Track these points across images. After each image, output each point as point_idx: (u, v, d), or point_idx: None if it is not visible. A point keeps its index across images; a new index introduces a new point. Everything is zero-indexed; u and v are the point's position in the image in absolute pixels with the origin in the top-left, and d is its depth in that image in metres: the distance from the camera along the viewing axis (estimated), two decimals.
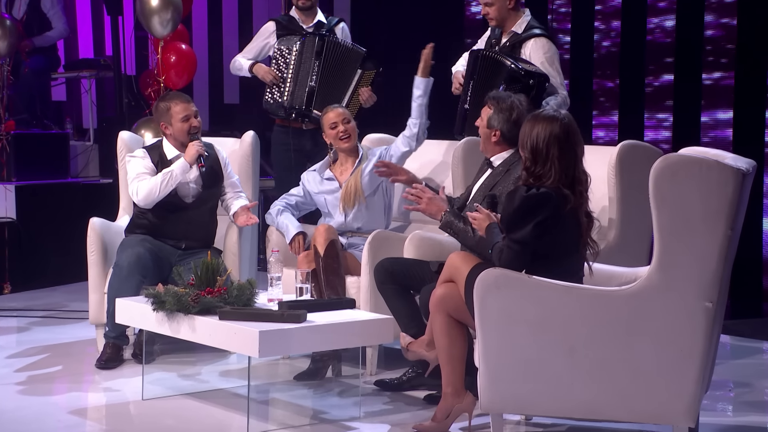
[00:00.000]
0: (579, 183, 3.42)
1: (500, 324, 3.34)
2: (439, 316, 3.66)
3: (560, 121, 3.40)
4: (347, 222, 4.76)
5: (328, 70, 5.42)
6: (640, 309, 3.26)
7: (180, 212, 4.74)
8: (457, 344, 3.65)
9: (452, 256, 3.70)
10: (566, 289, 3.30)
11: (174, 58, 6.91)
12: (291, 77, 5.44)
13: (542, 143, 3.39)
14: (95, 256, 4.77)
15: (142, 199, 4.66)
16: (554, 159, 3.37)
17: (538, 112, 3.51)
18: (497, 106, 4.00)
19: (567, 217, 3.39)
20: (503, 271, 3.33)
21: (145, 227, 4.73)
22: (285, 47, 5.49)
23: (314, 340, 3.73)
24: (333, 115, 4.78)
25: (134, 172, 4.71)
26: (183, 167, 4.69)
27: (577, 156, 3.43)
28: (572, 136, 3.41)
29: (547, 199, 3.35)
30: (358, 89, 5.40)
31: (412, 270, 4.11)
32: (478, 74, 4.76)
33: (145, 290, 4.04)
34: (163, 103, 4.79)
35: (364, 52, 5.44)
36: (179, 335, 3.89)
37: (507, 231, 3.39)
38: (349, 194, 4.72)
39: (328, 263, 4.47)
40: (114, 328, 4.58)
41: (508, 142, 4.01)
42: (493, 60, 4.74)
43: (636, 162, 4.31)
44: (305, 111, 5.43)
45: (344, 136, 4.75)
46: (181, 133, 4.73)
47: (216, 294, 3.85)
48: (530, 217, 3.34)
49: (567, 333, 3.29)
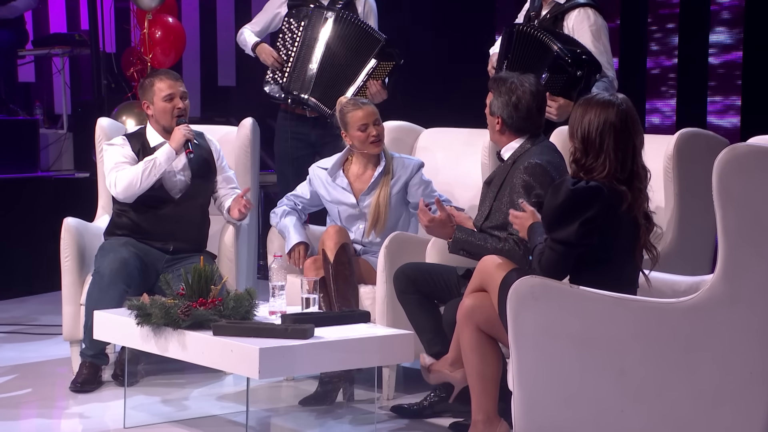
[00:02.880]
0: (637, 179, 3.43)
1: (538, 341, 3.35)
2: (467, 330, 3.68)
3: (617, 107, 3.41)
4: (365, 240, 4.75)
5: (336, 52, 5.40)
6: (702, 324, 3.26)
7: (166, 208, 4.78)
8: (489, 363, 3.67)
9: (485, 260, 3.72)
10: (615, 300, 3.30)
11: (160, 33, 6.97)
12: (294, 57, 5.45)
13: (595, 132, 3.40)
14: (70, 262, 4.82)
15: (121, 191, 4.70)
16: (609, 151, 3.38)
17: (591, 96, 3.52)
18: (496, 89, 4.03)
19: (622, 217, 3.40)
20: (542, 280, 3.34)
21: (127, 227, 4.77)
22: (294, 21, 5.50)
23: (323, 359, 3.76)
24: (363, 115, 4.66)
25: (112, 162, 4.76)
26: (168, 154, 4.72)
27: (636, 148, 3.43)
28: (630, 125, 3.42)
29: (597, 193, 3.36)
30: (368, 82, 5.37)
31: (436, 277, 4.13)
32: (514, 53, 4.77)
33: (128, 301, 4.07)
34: (148, 79, 4.86)
35: (384, 39, 5.40)
36: (167, 353, 3.92)
37: (549, 230, 3.41)
38: (376, 219, 4.66)
39: (339, 270, 4.50)
40: (92, 345, 4.62)
41: (513, 130, 4.04)
42: (530, 38, 4.73)
43: (697, 153, 4.31)
44: (302, 98, 5.44)
45: (375, 140, 4.67)
46: (164, 114, 4.77)
47: (210, 306, 3.88)
48: (577, 214, 3.34)
49: (616, 352, 3.30)
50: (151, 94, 4.78)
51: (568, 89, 4.64)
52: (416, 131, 5.28)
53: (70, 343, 4.87)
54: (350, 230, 4.73)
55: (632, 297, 3.38)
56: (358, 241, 4.74)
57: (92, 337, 4.33)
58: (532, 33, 4.75)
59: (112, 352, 4.87)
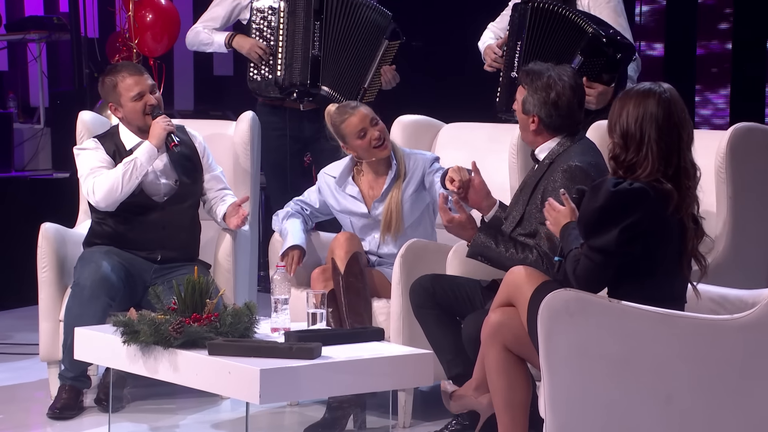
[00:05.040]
0: (686, 176, 3.42)
1: (573, 362, 3.35)
2: (493, 351, 3.68)
3: (658, 96, 3.41)
4: (381, 251, 4.78)
5: (337, 33, 5.37)
6: (760, 344, 3.26)
7: (150, 215, 4.79)
8: (518, 387, 3.67)
9: (512, 271, 3.72)
10: (661, 317, 3.30)
11: (150, 16, 6.99)
12: (282, 47, 5.41)
13: (634, 124, 3.40)
14: (48, 273, 4.84)
15: (101, 198, 4.72)
16: (651, 144, 3.38)
17: (630, 87, 3.52)
18: (531, 85, 4.04)
19: (668, 221, 3.39)
20: (577, 293, 3.35)
21: (108, 236, 4.78)
22: (266, 5, 5.43)
23: (331, 381, 3.76)
24: (357, 120, 4.65)
25: (86, 167, 4.77)
26: (149, 152, 4.73)
27: (682, 140, 3.42)
28: (676, 115, 3.41)
29: (640, 195, 3.35)
30: (381, 66, 5.37)
31: (459, 291, 4.14)
32: (530, 34, 4.74)
33: (112, 317, 4.08)
34: (108, 78, 4.82)
35: (391, 16, 5.41)
36: (157, 375, 3.93)
37: (586, 236, 3.41)
38: (388, 225, 4.69)
39: (350, 282, 4.51)
40: (72, 366, 4.64)
41: (550, 129, 4.04)
42: (552, 15, 4.71)
43: (754, 151, 4.31)
44: (311, 88, 5.42)
45: (379, 143, 4.67)
46: (135, 115, 4.78)
47: (205, 322, 3.90)
48: (617, 219, 3.34)
49: (662, 375, 3.30)
50: (116, 95, 4.77)
51: (605, 74, 4.63)
52: (435, 127, 5.29)
53: (48, 363, 4.88)
54: (364, 240, 4.75)
55: (680, 313, 3.37)
56: (374, 252, 4.76)
57: (72, 357, 4.34)
58: (554, 10, 4.71)
59: (94, 374, 4.89)
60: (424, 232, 4.76)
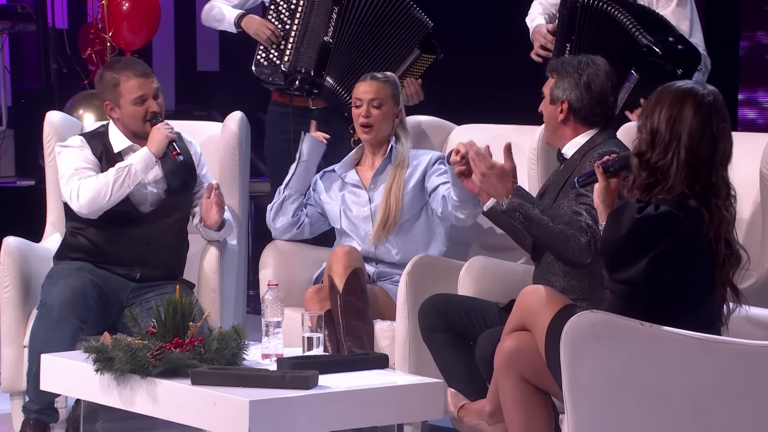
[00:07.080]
0: (715, 194, 3.39)
1: (600, 393, 3.36)
2: (509, 382, 3.69)
3: (699, 99, 3.38)
4: (377, 250, 4.81)
5: (357, 24, 5.41)
6: None
7: (133, 227, 4.80)
8: (537, 421, 3.68)
9: (527, 293, 3.72)
10: (699, 342, 3.31)
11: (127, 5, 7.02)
12: (297, 29, 5.46)
13: (665, 124, 3.39)
14: (11, 293, 4.84)
15: (86, 203, 4.72)
16: (679, 149, 3.36)
17: (672, 82, 3.50)
18: (560, 71, 4.09)
19: (699, 245, 3.37)
20: (604, 315, 3.35)
21: (83, 249, 4.79)
22: None
23: (329, 414, 3.76)
24: (363, 88, 4.83)
25: (70, 167, 4.78)
26: (146, 160, 4.74)
27: (717, 153, 3.40)
28: (714, 124, 3.38)
29: (669, 221, 3.31)
30: (405, 79, 5.37)
31: (473, 313, 4.14)
32: (580, 37, 4.75)
33: (84, 342, 4.10)
34: (109, 74, 4.84)
35: (431, 26, 5.41)
36: (133, 408, 3.94)
37: (610, 268, 3.38)
38: (386, 216, 4.76)
39: (350, 302, 4.52)
40: (37, 397, 4.64)
41: (581, 118, 4.07)
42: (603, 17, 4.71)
43: None
44: (312, 78, 5.45)
45: (364, 122, 4.82)
46: (134, 119, 4.80)
47: (187, 347, 3.91)
48: (645, 249, 3.31)
49: (700, 406, 3.31)
50: (116, 95, 4.78)
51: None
52: (447, 128, 5.31)
53: (10, 395, 4.88)
54: (358, 237, 4.82)
55: (720, 338, 3.38)
56: (370, 254, 4.81)
57: (38, 387, 4.35)
58: (606, 10, 4.70)
59: (63, 406, 4.89)
60: (421, 238, 4.81)
